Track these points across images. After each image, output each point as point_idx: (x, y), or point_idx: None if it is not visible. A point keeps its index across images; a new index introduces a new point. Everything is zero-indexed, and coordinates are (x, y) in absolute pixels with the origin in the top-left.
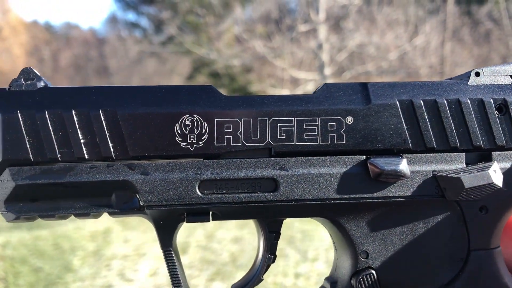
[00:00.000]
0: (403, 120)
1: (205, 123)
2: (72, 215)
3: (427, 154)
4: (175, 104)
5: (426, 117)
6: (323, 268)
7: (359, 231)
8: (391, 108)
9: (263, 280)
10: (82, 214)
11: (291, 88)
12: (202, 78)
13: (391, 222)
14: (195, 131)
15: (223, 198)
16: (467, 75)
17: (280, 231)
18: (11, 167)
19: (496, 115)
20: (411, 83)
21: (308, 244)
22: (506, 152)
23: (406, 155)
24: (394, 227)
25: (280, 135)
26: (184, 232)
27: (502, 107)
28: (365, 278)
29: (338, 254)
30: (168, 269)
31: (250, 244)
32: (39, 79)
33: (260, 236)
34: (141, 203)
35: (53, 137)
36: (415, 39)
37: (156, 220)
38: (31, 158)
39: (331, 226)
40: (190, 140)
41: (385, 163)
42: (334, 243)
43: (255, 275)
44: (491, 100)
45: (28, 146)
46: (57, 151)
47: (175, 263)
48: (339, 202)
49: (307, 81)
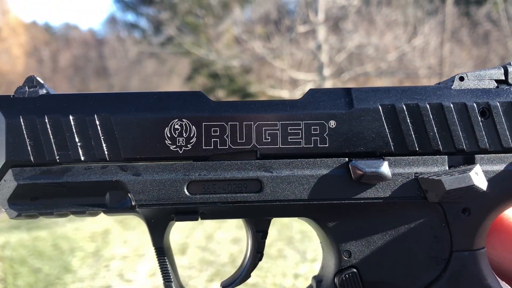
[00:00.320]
0: (385, 124)
1: (193, 127)
2: (70, 213)
3: (410, 157)
4: (165, 109)
5: (408, 121)
6: None
7: (342, 231)
8: (374, 112)
9: (250, 277)
10: (78, 212)
11: (290, 89)
12: (201, 79)
13: (374, 223)
14: (184, 134)
15: (210, 198)
16: (452, 80)
17: (268, 230)
18: (14, 168)
19: (479, 119)
20: (394, 88)
21: (307, 244)
22: (489, 155)
23: (388, 157)
24: (376, 227)
25: (265, 139)
26: (184, 233)
27: (486, 111)
28: (347, 276)
29: (324, 253)
30: (159, 265)
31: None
32: (42, 86)
33: (248, 235)
34: (133, 203)
35: (52, 140)
36: (414, 40)
37: (148, 218)
38: (32, 160)
39: (316, 226)
40: (179, 143)
41: (366, 166)
42: (320, 242)
43: (243, 272)
44: (474, 104)
45: (29, 148)
46: (55, 153)
47: (165, 260)
48: (321, 203)
49: (306, 81)
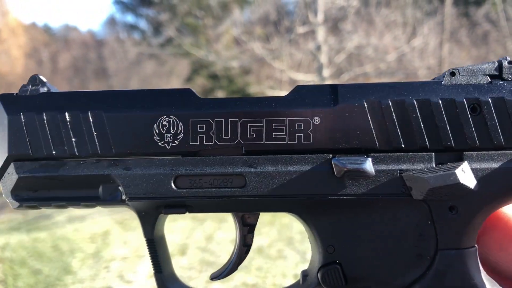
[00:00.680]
0: (370, 120)
1: (180, 123)
2: (67, 205)
3: (395, 154)
4: (154, 106)
5: (394, 117)
6: None
7: (326, 226)
8: (358, 109)
9: (236, 269)
10: (74, 204)
11: (289, 90)
12: (200, 80)
13: (358, 219)
14: (171, 130)
15: (196, 192)
16: (443, 75)
17: (255, 224)
18: (15, 162)
19: (469, 115)
20: (381, 84)
21: (307, 245)
22: (479, 152)
23: (373, 154)
24: (361, 223)
25: (250, 135)
26: (184, 234)
27: (476, 107)
28: (330, 272)
29: (312, 248)
30: (150, 256)
31: None
32: (44, 85)
33: (236, 228)
34: (123, 196)
35: (49, 136)
36: (413, 41)
37: (138, 211)
38: (31, 154)
39: (301, 221)
40: (166, 139)
41: (348, 162)
42: (308, 237)
43: (230, 265)
44: (464, 100)
45: (28, 143)
46: (52, 148)
47: (155, 251)
48: (305, 198)
49: (306, 82)
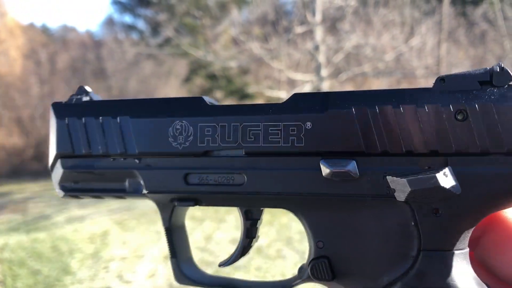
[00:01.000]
0: (357, 126)
1: (190, 127)
2: (101, 196)
3: (381, 157)
4: (170, 112)
5: (380, 122)
6: None
7: (316, 223)
8: (347, 115)
9: (239, 259)
10: (106, 195)
11: (288, 90)
12: (199, 80)
13: (345, 217)
14: (183, 133)
15: (203, 188)
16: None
17: (258, 218)
18: (61, 158)
19: (455, 121)
20: (371, 91)
21: (306, 245)
22: (464, 157)
23: (360, 157)
24: (348, 221)
25: (249, 138)
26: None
27: (463, 112)
28: (318, 265)
29: (308, 243)
30: (167, 242)
31: None
32: (87, 94)
33: (241, 221)
34: (144, 189)
35: (86, 137)
36: (411, 40)
37: (157, 203)
38: (73, 152)
39: (296, 217)
40: (179, 140)
41: (333, 164)
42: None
43: (234, 254)
44: (450, 106)
45: (71, 143)
46: (89, 148)
47: (172, 238)
48: (296, 196)
49: (304, 82)
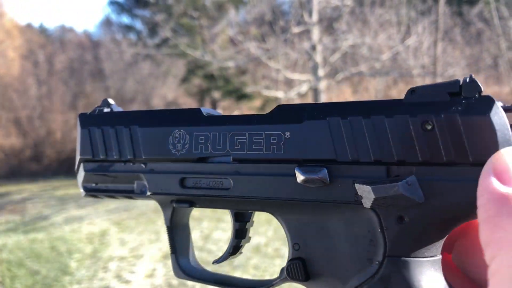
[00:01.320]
0: (331, 136)
1: (187, 135)
2: (115, 196)
3: (351, 166)
4: (171, 122)
5: (351, 133)
6: None
7: (293, 226)
8: (322, 125)
9: (227, 258)
10: (119, 195)
11: (285, 90)
12: (197, 80)
13: (319, 222)
14: (181, 141)
15: (196, 191)
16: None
17: (247, 220)
18: (84, 162)
19: (422, 131)
20: (346, 103)
21: None
22: (429, 167)
23: (332, 165)
24: (321, 226)
25: (236, 146)
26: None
27: (431, 123)
28: (293, 266)
29: None
30: (168, 239)
31: (246, 245)
32: (108, 106)
33: (232, 222)
34: (148, 191)
35: (104, 144)
36: (408, 40)
37: (160, 203)
38: (93, 157)
39: (277, 220)
40: (177, 148)
41: (306, 171)
42: None
43: (225, 254)
44: (418, 117)
45: (91, 149)
46: (106, 153)
47: (173, 236)
48: (275, 201)
49: (302, 82)
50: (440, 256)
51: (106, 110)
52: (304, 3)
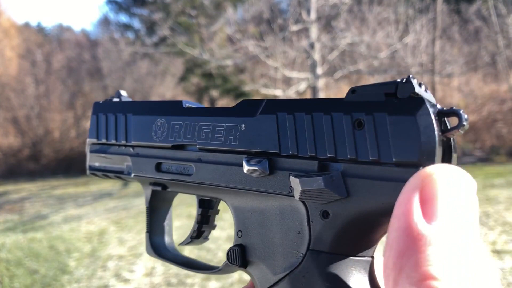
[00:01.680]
0: (277, 130)
1: (166, 124)
2: (110, 176)
3: (290, 159)
4: (157, 112)
5: (294, 128)
6: None
7: (238, 214)
8: (271, 120)
9: (190, 241)
10: (113, 175)
11: (284, 88)
12: (195, 79)
13: (259, 211)
14: (161, 129)
15: (167, 176)
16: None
17: (211, 208)
18: (90, 144)
19: (353, 130)
20: (296, 100)
21: None
22: (356, 165)
23: (275, 157)
24: (261, 215)
25: (202, 135)
26: (180, 232)
27: (362, 122)
28: (232, 252)
29: None
30: (146, 219)
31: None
32: (119, 96)
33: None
34: (132, 173)
35: (105, 129)
36: (406, 38)
37: (142, 185)
38: (97, 140)
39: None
40: (157, 134)
41: (249, 162)
42: None
43: (188, 237)
44: (350, 116)
45: (96, 133)
46: (105, 137)
47: (149, 216)
48: (226, 188)
49: (300, 80)
50: (370, 258)
51: (115, 99)
52: (302, 1)
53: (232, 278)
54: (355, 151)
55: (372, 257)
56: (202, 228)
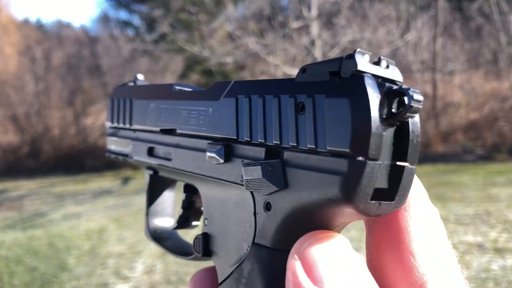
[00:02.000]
0: (235, 114)
1: (156, 108)
2: (121, 159)
3: (244, 146)
4: (152, 96)
5: (248, 112)
6: None
7: (205, 202)
8: (231, 103)
9: (176, 226)
10: (120, 157)
11: None
12: (195, 76)
13: (220, 200)
14: (153, 113)
15: (155, 160)
16: None
17: (193, 194)
18: (108, 128)
19: (295, 114)
20: (258, 81)
21: None
22: (296, 153)
23: (233, 144)
24: (221, 205)
25: (180, 119)
26: (181, 231)
27: (304, 106)
28: (196, 240)
29: None
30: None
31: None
32: (135, 81)
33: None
34: (133, 156)
35: (118, 112)
36: (407, 35)
37: (142, 168)
38: (112, 123)
39: None
40: (150, 118)
41: (209, 148)
42: None
43: (174, 222)
44: (293, 98)
45: (111, 116)
46: (117, 120)
47: (148, 199)
48: (194, 174)
49: None
50: None
51: (130, 84)
52: None
53: None
54: (296, 138)
55: None
56: (187, 214)
